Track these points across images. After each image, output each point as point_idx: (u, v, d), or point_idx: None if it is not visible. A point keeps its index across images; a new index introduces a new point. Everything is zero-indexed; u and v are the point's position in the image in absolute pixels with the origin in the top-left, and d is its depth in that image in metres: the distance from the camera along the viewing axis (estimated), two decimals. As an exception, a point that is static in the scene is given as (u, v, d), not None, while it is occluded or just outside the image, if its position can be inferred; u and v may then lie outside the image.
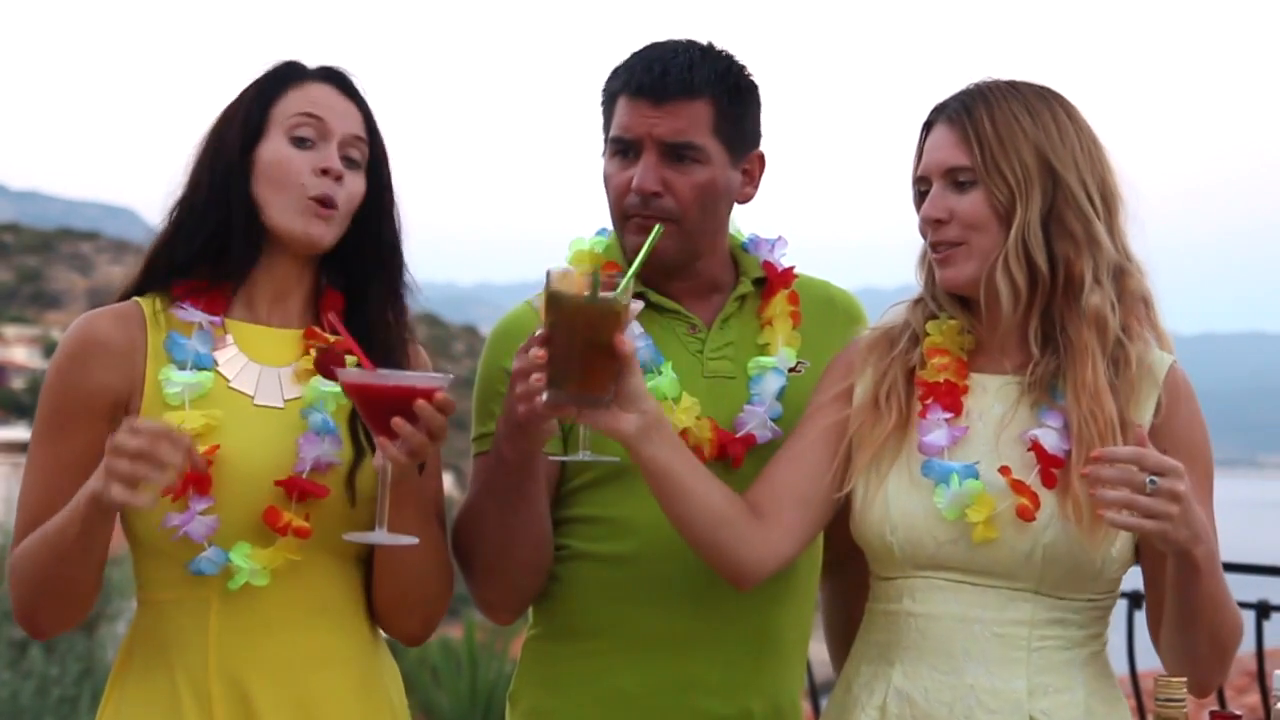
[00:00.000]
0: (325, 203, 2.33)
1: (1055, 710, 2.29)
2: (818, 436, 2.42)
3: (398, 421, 2.14)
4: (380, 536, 2.21)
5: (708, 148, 2.50)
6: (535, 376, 2.17)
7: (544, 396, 2.17)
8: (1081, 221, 2.33)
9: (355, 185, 2.37)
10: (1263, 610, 4.06)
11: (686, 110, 2.49)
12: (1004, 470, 2.30)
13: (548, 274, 2.18)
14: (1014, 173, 2.33)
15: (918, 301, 2.47)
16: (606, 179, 2.56)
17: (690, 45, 2.55)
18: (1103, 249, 2.34)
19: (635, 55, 2.55)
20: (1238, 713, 2.23)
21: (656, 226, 2.38)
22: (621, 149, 2.53)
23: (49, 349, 55.61)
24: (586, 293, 2.15)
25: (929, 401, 2.37)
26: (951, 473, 2.30)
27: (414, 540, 2.25)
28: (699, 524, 2.34)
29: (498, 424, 2.36)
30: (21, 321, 60.63)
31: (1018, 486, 2.28)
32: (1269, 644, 4.21)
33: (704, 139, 2.50)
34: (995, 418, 2.36)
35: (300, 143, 2.34)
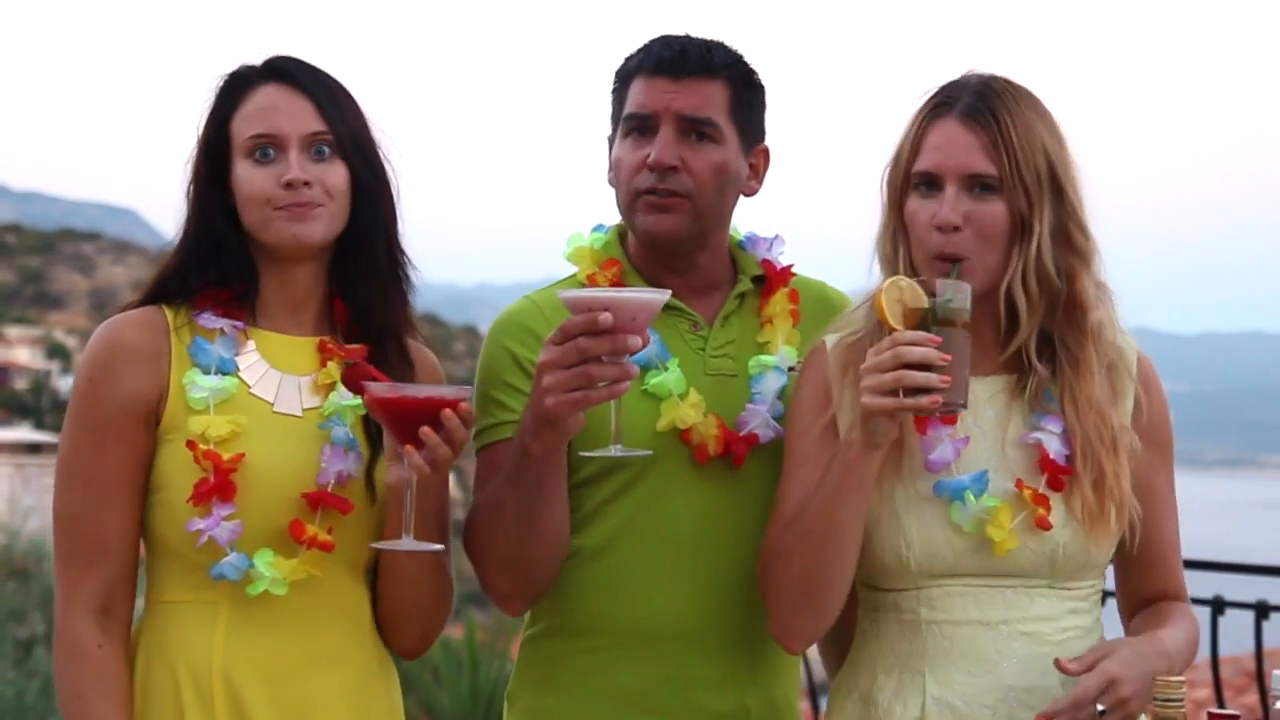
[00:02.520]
0: (300, 206, 2.31)
1: None
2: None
3: (426, 431, 2.15)
4: (408, 544, 2.21)
5: (723, 127, 2.52)
6: (941, 378, 2.14)
7: (937, 401, 2.15)
8: (1083, 233, 2.32)
9: (332, 175, 2.34)
10: (1262, 610, 4.06)
11: (705, 88, 2.51)
12: (1020, 484, 2.30)
13: (913, 285, 2.17)
14: (1034, 184, 2.29)
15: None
16: (617, 161, 2.56)
17: (703, 36, 2.57)
18: (1099, 260, 2.34)
19: (650, 42, 2.57)
20: (1236, 713, 2.23)
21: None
22: (637, 126, 2.53)
23: (51, 350, 55.56)
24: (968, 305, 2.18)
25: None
26: (964, 489, 2.29)
27: (440, 547, 2.28)
28: (841, 543, 2.27)
29: (523, 419, 2.33)
30: (24, 322, 60.68)
31: (1037, 499, 2.29)
32: (1268, 644, 4.22)
33: (720, 117, 2.52)
34: (990, 421, 2.36)
35: (262, 159, 2.33)
